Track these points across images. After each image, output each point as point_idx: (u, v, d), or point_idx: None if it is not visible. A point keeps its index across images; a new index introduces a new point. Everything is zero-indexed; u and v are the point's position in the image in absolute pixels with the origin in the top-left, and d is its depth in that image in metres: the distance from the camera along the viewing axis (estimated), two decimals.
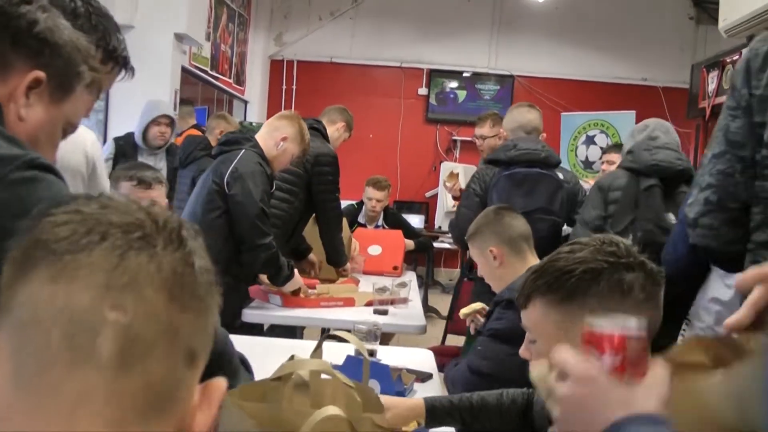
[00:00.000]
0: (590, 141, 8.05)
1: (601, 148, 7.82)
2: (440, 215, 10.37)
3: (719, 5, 5.95)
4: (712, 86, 5.92)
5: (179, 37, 6.21)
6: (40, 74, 1.30)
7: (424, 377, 2.69)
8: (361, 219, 6.16)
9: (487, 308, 2.84)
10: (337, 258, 4.74)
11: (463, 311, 2.99)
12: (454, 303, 5.00)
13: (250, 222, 3.56)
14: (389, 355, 2.94)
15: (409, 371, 2.66)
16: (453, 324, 4.98)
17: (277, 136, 3.86)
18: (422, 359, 3.12)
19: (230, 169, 3.64)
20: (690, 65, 10.06)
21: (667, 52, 10.42)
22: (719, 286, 2.39)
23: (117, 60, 1.87)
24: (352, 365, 2.31)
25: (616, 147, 5.60)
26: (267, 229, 3.64)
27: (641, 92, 10.06)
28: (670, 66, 10.34)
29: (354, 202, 6.29)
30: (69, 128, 1.44)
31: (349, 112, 5.18)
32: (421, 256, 8.70)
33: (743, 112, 1.61)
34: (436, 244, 8.74)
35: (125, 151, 5.05)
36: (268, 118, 10.08)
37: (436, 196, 10.52)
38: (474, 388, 2.31)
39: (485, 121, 5.56)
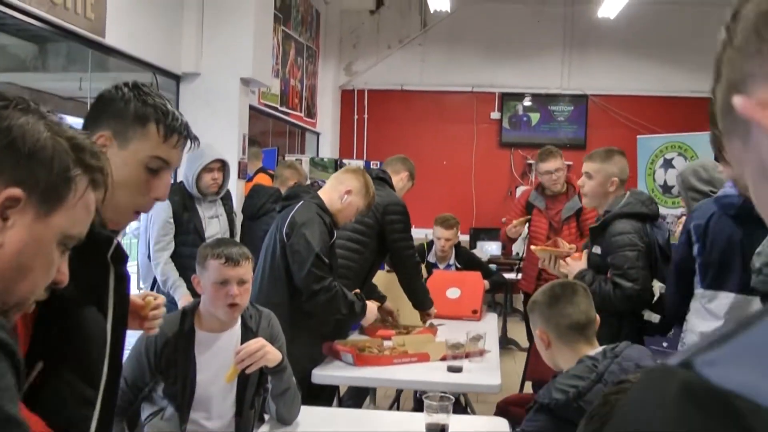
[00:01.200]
0: (668, 164, 7.75)
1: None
2: (518, 241, 10.17)
3: None
4: None
5: (245, 81, 6.20)
6: (16, 192, 1.13)
7: None
8: (431, 259, 6.00)
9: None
10: (423, 301, 4.70)
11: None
12: (530, 349, 4.84)
13: (306, 269, 3.54)
14: (463, 427, 2.81)
15: None
16: (531, 367, 4.80)
17: (341, 189, 3.86)
18: (496, 429, 2.98)
19: (288, 219, 3.67)
20: None
21: None
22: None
23: (180, 131, 1.76)
24: None
25: None
26: (324, 274, 3.60)
27: None
28: None
29: (424, 242, 6.16)
30: (69, 242, 1.23)
31: (410, 161, 5.20)
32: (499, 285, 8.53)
33: None
34: (510, 275, 8.53)
35: (185, 203, 4.88)
36: (340, 149, 10.25)
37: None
38: None
39: (555, 155, 5.55)
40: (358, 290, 3.95)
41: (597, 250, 3.72)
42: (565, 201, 5.56)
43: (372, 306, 3.89)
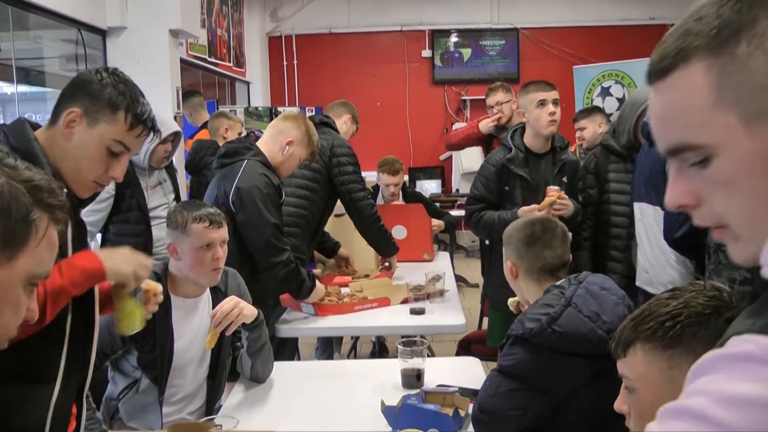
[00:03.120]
0: (606, 92, 7.81)
1: (618, 99, 7.59)
2: (456, 177, 10.24)
3: None
4: None
5: (174, 33, 5.99)
6: None
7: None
8: (379, 203, 5.87)
9: None
10: (387, 247, 4.57)
11: (512, 301, 2.78)
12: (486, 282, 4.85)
13: (264, 242, 3.36)
14: (437, 371, 2.80)
15: (462, 391, 2.50)
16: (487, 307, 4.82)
17: (281, 140, 3.61)
18: (470, 368, 2.99)
19: (233, 186, 3.42)
20: None
21: None
22: None
23: (145, 123, 1.94)
24: (412, 413, 2.20)
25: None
26: (283, 245, 3.44)
27: (650, 33, 9.69)
28: (677, 1, 10.01)
29: (369, 188, 6.04)
30: (36, 280, 1.24)
31: (351, 105, 5.05)
32: None
33: None
34: (454, 211, 8.56)
35: (127, 178, 4.51)
36: (271, 97, 10.05)
37: (450, 158, 10.35)
38: (482, 426, 2.25)
39: (497, 90, 5.39)
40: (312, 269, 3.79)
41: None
42: None
43: (320, 287, 3.67)
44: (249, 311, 2.72)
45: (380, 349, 4.68)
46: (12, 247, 1.16)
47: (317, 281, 3.68)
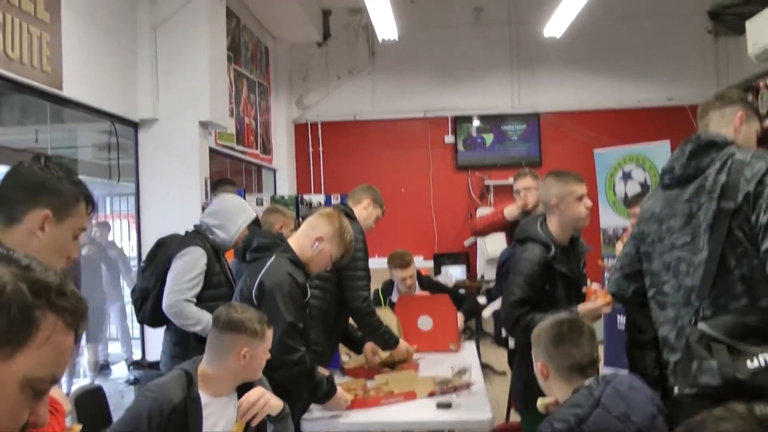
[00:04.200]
0: (627, 177, 7.88)
1: (640, 183, 7.63)
2: (481, 263, 10.23)
3: (746, 32, 5.85)
4: None
5: (204, 125, 6.16)
6: None
7: None
8: (394, 298, 5.82)
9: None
10: (387, 341, 4.52)
11: (541, 403, 2.78)
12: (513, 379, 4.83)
13: (276, 339, 3.26)
14: None
15: None
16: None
17: (312, 236, 3.63)
18: None
19: (257, 281, 3.46)
20: (713, 79, 9.93)
21: (689, 69, 10.27)
22: None
23: (95, 203, 2.12)
24: None
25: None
26: (296, 344, 3.42)
27: (669, 114, 9.84)
28: (694, 83, 10.17)
29: (378, 288, 6.01)
30: (39, 384, 1.18)
31: (375, 189, 4.99)
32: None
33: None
34: (480, 297, 8.56)
35: (215, 254, 4.38)
36: (297, 184, 10.19)
37: (475, 244, 10.37)
38: None
39: (525, 175, 5.49)
40: (328, 373, 3.70)
41: None
42: None
43: (340, 395, 3.59)
44: (275, 402, 2.78)
45: None
46: (9, 346, 1.13)
47: (340, 389, 3.63)
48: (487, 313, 3.99)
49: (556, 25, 8.80)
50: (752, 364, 2.29)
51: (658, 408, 2.31)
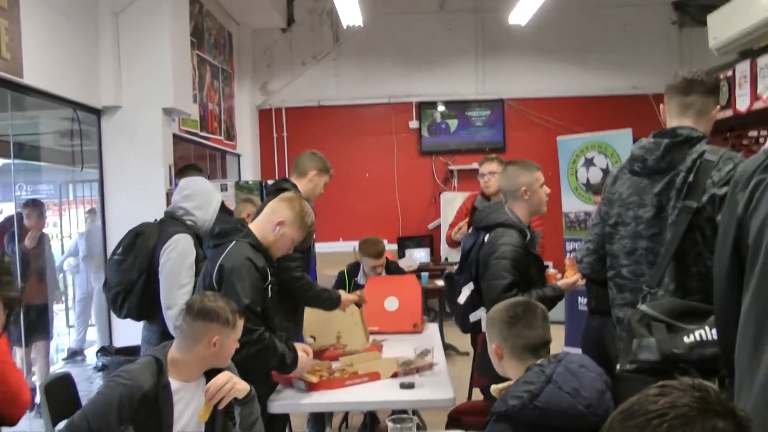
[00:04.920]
0: (589, 163, 8.00)
1: (602, 169, 7.76)
2: (445, 246, 10.31)
3: (707, 26, 5.98)
4: None
5: (167, 111, 6.16)
6: None
7: None
8: (361, 280, 5.89)
9: None
10: (329, 299, 4.52)
11: (495, 388, 2.88)
12: (475, 358, 4.92)
13: None
14: None
15: None
16: (476, 378, 4.88)
17: (273, 221, 3.66)
18: None
19: (217, 265, 3.50)
20: (677, 68, 10.06)
21: (653, 58, 10.42)
22: None
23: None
24: None
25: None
26: (253, 326, 3.42)
27: (633, 103, 10.00)
28: (658, 72, 10.29)
29: (344, 269, 6.07)
30: None
31: (317, 154, 4.87)
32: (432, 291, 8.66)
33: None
34: (441, 281, 8.65)
35: (201, 243, 4.27)
36: (262, 169, 10.19)
37: (438, 227, 10.47)
38: None
39: (492, 161, 5.74)
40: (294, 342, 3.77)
41: None
42: None
43: (303, 358, 3.67)
44: (241, 386, 2.83)
45: (371, 420, 4.72)
46: None
47: (300, 353, 3.70)
48: (463, 299, 4.03)
49: (521, 13, 8.90)
50: (689, 339, 2.41)
51: (607, 384, 2.40)
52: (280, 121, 10.82)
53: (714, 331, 2.31)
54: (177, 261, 4.08)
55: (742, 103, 5.30)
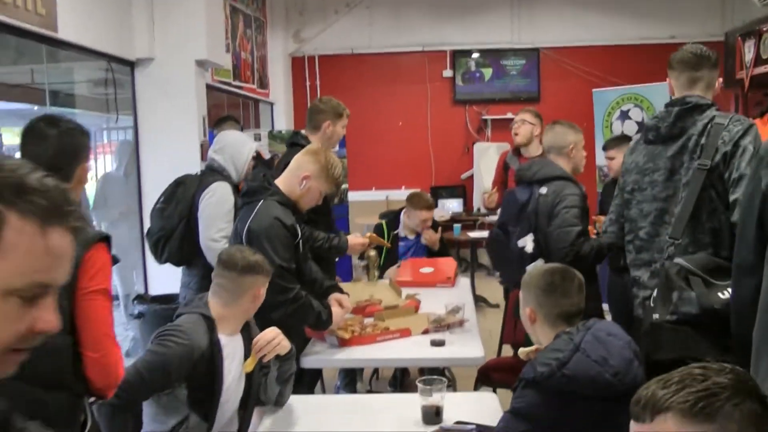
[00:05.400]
0: (625, 116, 7.87)
1: (637, 122, 7.64)
2: (477, 197, 10.31)
3: None
4: (749, 56, 5.72)
5: (200, 63, 6.16)
6: None
7: None
8: (400, 232, 5.83)
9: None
10: (337, 250, 4.49)
11: (522, 351, 2.92)
12: (506, 313, 4.96)
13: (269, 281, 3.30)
14: (455, 407, 2.90)
15: (479, 429, 2.61)
16: (506, 334, 4.93)
17: (299, 175, 3.68)
18: (488, 403, 3.09)
19: (246, 228, 3.54)
20: (718, 18, 9.90)
21: (693, 7, 10.21)
22: None
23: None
24: None
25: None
26: (288, 284, 3.50)
27: (671, 52, 9.73)
28: (697, 21, 10.12)
29: (383, 222, 5.91)
30: (24, 293, 1.06)
31: (327, 102, 4.76)
32: (464, 243, 8.69)
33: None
34: (474, 232, 8.69)
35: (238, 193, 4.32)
36: (295, 117, 10.19)
37: (471, 177, 10.46)
38: None
39: (528, 111, 5.92)
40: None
41: None
42: None
43: (336, 312, 3.75)
44: (285, 343, 2.98)
45: (402, 375, 4.78)
46: None
47: (335, 307, 3.79)
48: (530, 248, 4.05)
49: None
50: (723, 296, 2.61)
51: (635, 353, 2.41)
52: (313, 69, 10.78)
53: None
54: (216, 206, 4.24)
55: None
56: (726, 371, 1.41)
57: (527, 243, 4.02)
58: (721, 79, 3.30)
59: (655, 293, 2.92)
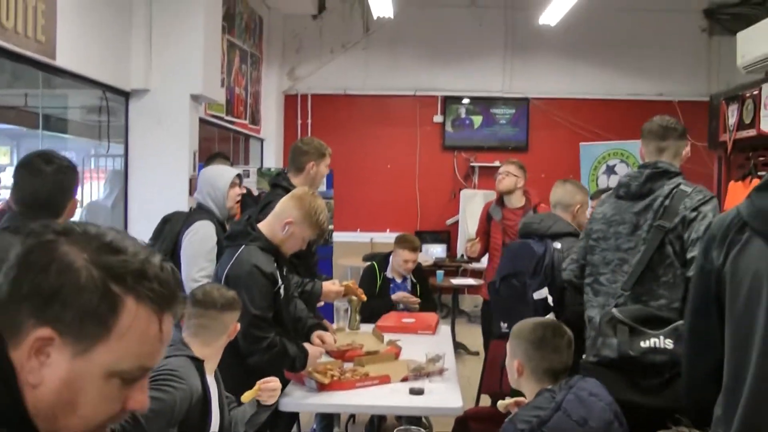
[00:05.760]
0: (611, 171, 8.01)
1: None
2: (462, 243, 10.33)
3: (737, 43, 5.98)
4: (732, 119, 5.83)
5: (195, 98, 6.18)
6: (45, 332, 1.04)
7: None
8: (389, 274, 5.98)
9: (525, 401, 2.80)
10: (312, 296, 4.38)
11: (501, 404, 2.94)
12: (485, 363, 4.98)
13: (243, 331, 3.28)
14: None
15: None
16: (485, 384, 4.93)
17: (282, 219, 3.65)
18: None
19: (225, 274, 3.54)
20: (704, 77, 10.07)
21: (681, 65, 10.38)
22: None
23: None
24: None
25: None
26: (263, 333, 3.49)
27: (658, 109, 9.79)
28: (685, 79, 10.29)
29: (374, 263, 6.11)
30: (128, 375, 1.09)
31: (308, 143, 4.71)
32: (446, 289, 8.71)
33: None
34: (457, 279, 8.75)
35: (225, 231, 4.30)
36: (284, 155, 10.24)
37: (456, 223, 10.49)
38: None
39: (512, 163, 6.05)
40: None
41: None
42: (521, 214, 5.63)
43: (314, 352, 3.80)
44: (277, 395, 3.17)
45: (379, 421, 4.76)
46: (86, 339, 1.05)
47: (312, 348, 3.83)
48: (551, 299, 4.14)
49: (552, 14, 8.86)
50: (644, 344, 2.96)
51: (615, 414, 2.43)
52: (305, 107, 10.85)
53: (666, 340, 2.94)
54: (198, 244, 4.23)
55: (767, 124, 5.31)
56: None
57: (546, 295, 4.09)
58: (688, 148, 3.57)
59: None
